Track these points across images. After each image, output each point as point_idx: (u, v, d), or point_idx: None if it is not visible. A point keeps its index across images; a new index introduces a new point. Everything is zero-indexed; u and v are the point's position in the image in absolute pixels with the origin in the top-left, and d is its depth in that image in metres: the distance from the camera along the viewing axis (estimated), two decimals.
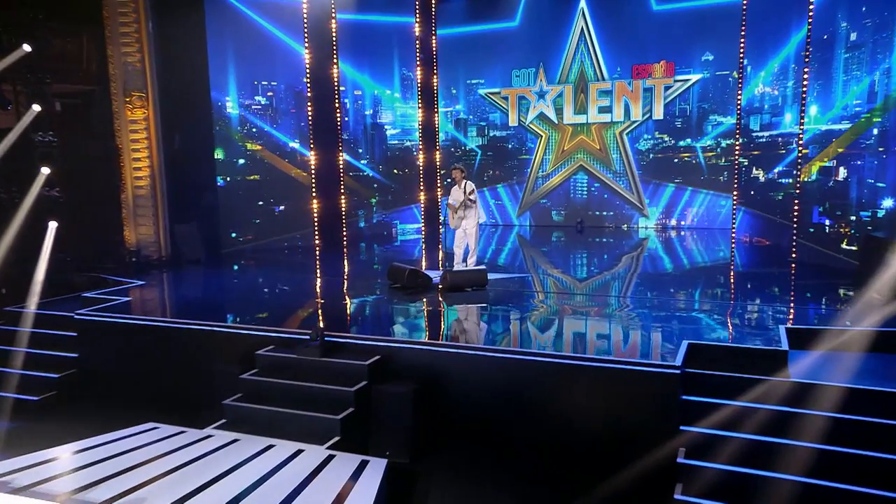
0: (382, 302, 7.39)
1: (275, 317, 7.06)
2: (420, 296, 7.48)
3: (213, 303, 7.84)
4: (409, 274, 7.68)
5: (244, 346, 6.16)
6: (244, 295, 8.28)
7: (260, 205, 11.94)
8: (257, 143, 11.78)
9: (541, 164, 14.58)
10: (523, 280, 8.52)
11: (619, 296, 7.57)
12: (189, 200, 10.49)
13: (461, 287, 7.42)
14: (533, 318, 6.59)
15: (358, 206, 13.88)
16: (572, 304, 7.23)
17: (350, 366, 5.72)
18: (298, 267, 10.35)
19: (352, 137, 13.69)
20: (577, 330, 6.24)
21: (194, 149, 10.65)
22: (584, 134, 14.12)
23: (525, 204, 14.87)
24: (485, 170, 15.11)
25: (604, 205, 14.18)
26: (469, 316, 6.78)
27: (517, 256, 11.02)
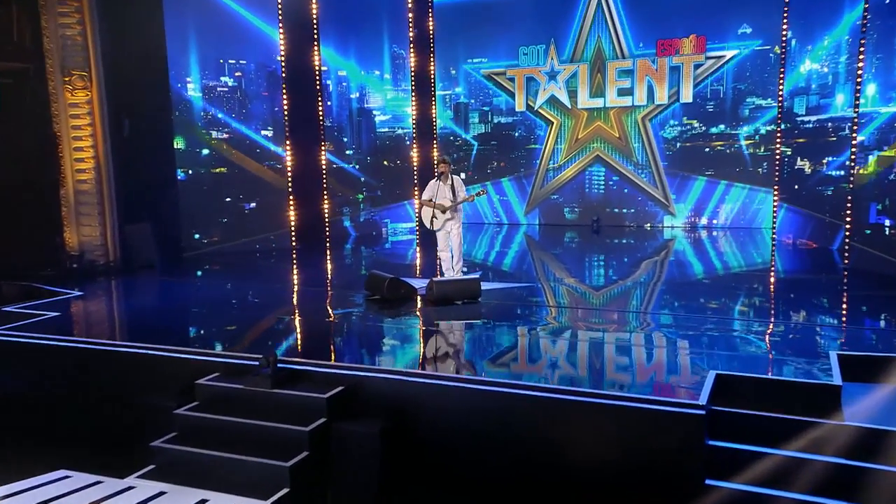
0: (356, 318, 7.08)
1: (228, 336, 6.71)
2: (401, 310, 7.19)
3: (157, 318, 7.51)
4: (388, 284, 7.32)
5: (184, 374, 5.77)
6: (198, 309, 7.99)
7: (227, 201, 11.70)
8: (223, 132, 11.59)
9: (552, 154, 14.53)
10: (526, 290, 8.28)
11: (637, 311, 7.26)
12: (142, 197, 10.14)
13: (450, 299, 7.10)
14: (531, 340, 6.26)
15: (342, 203, 13.74)
16: (581, 320, 6.97)
17: (306, 399, 5.29)
18: (270, 274, 10.14)
19: (335, 124, 13.46)
20: (583, 355, 5.90)
21: (148, 137, 10.27)
22: (602, 120, 14.01)
23: (534, 200, 14.82)
24: (488, 161, 15.10)
25: (624, 201, 14.08)
26: (455, 336, 6.48)
27: (523, 261, 10.90)
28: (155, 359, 5.94)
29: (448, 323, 6.72)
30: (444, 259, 8.01)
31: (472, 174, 15.11)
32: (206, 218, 11.44)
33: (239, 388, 5.53)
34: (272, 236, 11.94)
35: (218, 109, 11.51)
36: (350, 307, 7.50)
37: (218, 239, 11.59)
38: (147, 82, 10.24)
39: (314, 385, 5.41)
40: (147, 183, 10.23)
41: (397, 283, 7.42)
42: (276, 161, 11.94)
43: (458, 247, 7.89)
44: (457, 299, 7.14)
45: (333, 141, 13.36)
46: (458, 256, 7.93)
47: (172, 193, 10.88)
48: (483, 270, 9.48)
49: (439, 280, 7.26)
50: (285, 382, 5.47)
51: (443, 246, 7.95)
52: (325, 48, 12.58)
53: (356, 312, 7.29)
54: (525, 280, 9.10)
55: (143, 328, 7.05)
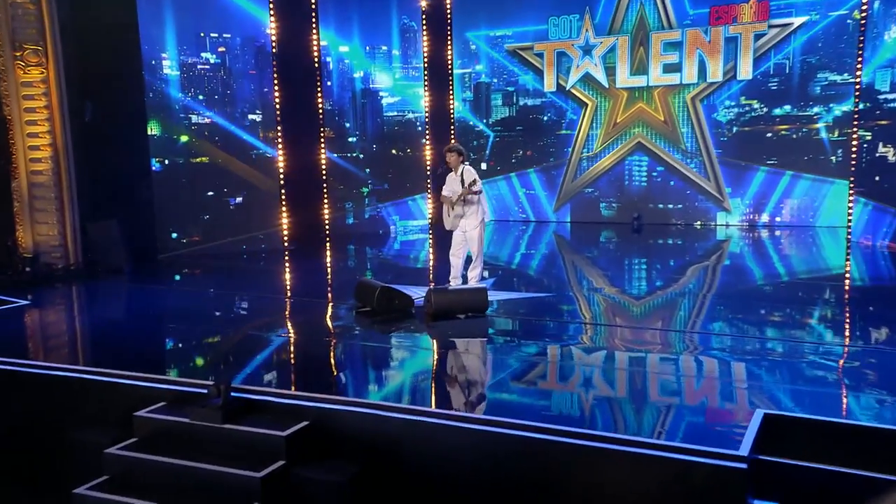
0: (337, 335, 6.81)
1: (185, 356, 6.37)
2: (392, 326, 6.88)
3: (107, 334, 7.17)
4: (379, 294, 7.04)
5: (123, 403, 5.37)
6: (160, 322, 7.69)
7: (210, 195, 11.55)
8: (204, 116, 11.40)
9: (586, 141, 14.45)
10: (550, 301, 8.01)
11: (682, 329, 6.83)
12: (109, 190, 9.96)
13: (451, 313, 6.80)
14: (546, 366, 5.82)
15: (344, 197, 13.59)
16: (612, 340, 6.55)
17: (261, 437, 4.86)
18: (255, 280, 10.06)
19: (336, 108, 13.40)
20: (607, 385, 5.40)
21: (116, 121, 10.08)
22: (644, 101, 13.87)
23: (565, 194, 14.80)
24: (511, 149, 15.08)
25: (669, 195, 13.94)
26: (453, 360, 6.13)
27: (550, 265, 10.82)
28: (88, 384, 5.54)
29: (446, 342, 6.46)
30: (454, 265, 7.81)
31: (493, 164, 15.16)
32: (184, 215, 11.32)
33: (184, 421, 5.11)
34: (261, 235, 11.84)
35: (198, 90, 11.38)
36: (335, 321, 7.31)
37: (199, 239, 11.47)
38: (114, 58, 10.04)
39: (274, 419, 5.00)
40: (115, 174, 10.05)
41: (390, 293, 7.12)
42: (266, 150, 11.82)
43: (477, 250, 7.63)
44: (459, 313, 6.85)
45: (334, 127, 13.28)
46: (477, 261, 7.71)
47: (145, 187, 10.71)
48: (502, 276, 9.40)
49: (438, 289, 6.95)
50: (238, 415, 5.05)
51: (455, 249, 7.76)
52: (324, 20, 12.49)
53: (339, 328, 7.06)
54: (550, 288, 8.90)
55: (88, 345, 6.76)
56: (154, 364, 6.03)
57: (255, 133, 11.78)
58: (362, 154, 13.62)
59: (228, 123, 11.58)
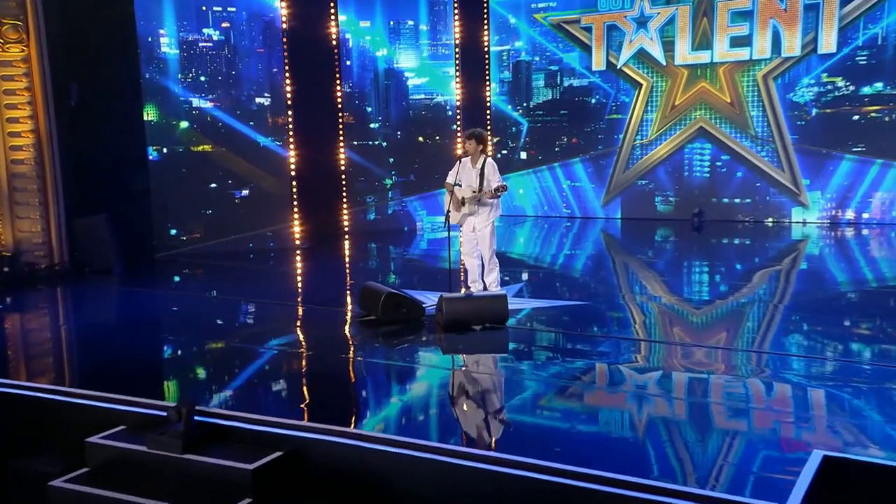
0: (333, 349, 6.62)
1: (153, 373, 6.18)
2: (398, 337, 6.78)
3: (75, 345, 7.09)
4: (385, 301, 6.88)
5: (78, 427, 5.17)
6: (142, 332, 7.51)
7: (213, 188, 11.49)
8: (207, 99, 11.35)
9: (639, 126, 14.19)
10: (589, 311, 7.84)
11: (744, 347, 6.48)
12: (99, 182, 9.86)
13: (465, 323, 6.66)
14: (566, 394, 5.46)
15: (365, 190, 13.58)
16: (661, 359, 6.28)
17: (225, 470, 4.62)
18: (259, 282, 10.01)
19: (356, 91, 13.31)
20: (636, 417, 5.02)
21: (108, 105, 9.96)
22: (708, 80, 13.55)
23: (615, 187, 14.56)
24: (555, 136, 14.92)
25: (736, 188, 13.68)
26: (462, 381, 5.86)
27: (598, 268, 10.65)
28: (37, 404, 5.37)
29: (455, 360, 6.29)
30: (469, 267, 7.77)
31: (534, 153, 15.06)
32: (184, 209, 11.29)
33: (140, 450, 4.88)
34: (270, 233, 11.76)
35: (200, 70, 11.33)
36: (335, 332, 7.22)
37: (200, 236, 11.45)
38: (105, 34, 9.93)
39: (243, 448, 4.79)
40: (106, 165, 9.98)
41: (396, 300, 6.98)
42: (276, 136, 11.72)
43: (489, 252, 7.59)
44: (474, 323, 6.69)
45: (353, 112, 13.14)
46: (491, 264, 7.66)
47: (141, 178, 10.63)
48: (539, 280, 9.40)
49: (451, 297, 6.79)
50: (202, 444, 4.82)
51: (467, 248, 7.73)
52: None
53: (336, 340, 6.94)
54: (594, 295, 8.72)
55: (50, 358, 6.64)
56: (120, 381, 5.83)
57: (264, 118, 11.73)
58: (385, 142, 13.55)
59: (234, 108, 11.53)
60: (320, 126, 12.22)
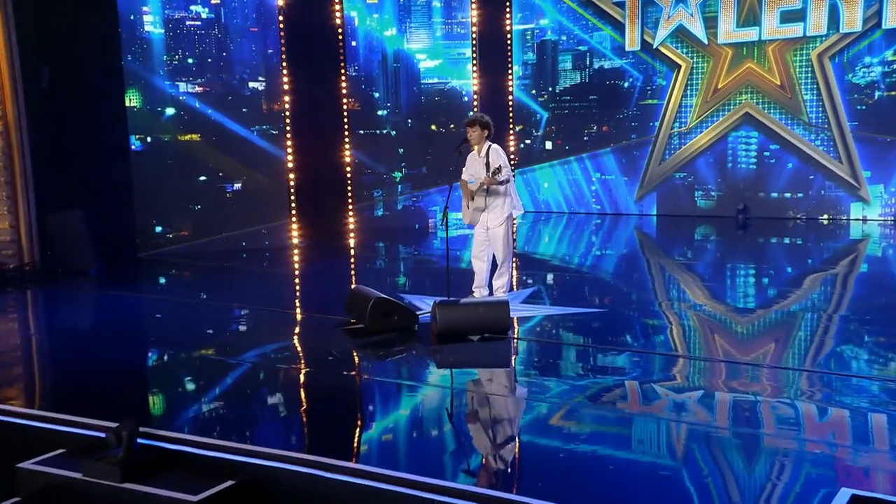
0: (309, 362, 6.59)
1: (107, 389, 5.97)
2: (384, 349, 6.71)
3: (29, 356, 7.04)
4: (373, 308, 6.72)
5: (11, 450, 5.02)
6: (102, 340, 7.36)
7: (202, 181, 11.54)
8: (195, 83, 11.43)
9: (678, 113, 14.12)
10: (614, 318, 7.69)
11: (798, 365, 6.20)
12: (75, 175, 9.85)
13: (461, 333, 6.54)
14: (565, 418, 5.21)
15: (372, 184, 13.70)
16: (690, 377, 5.99)
17: (168, 502, 4.43)
18: (251, 285, 9.98)
19: (362, 74, 13.44)
20: (651, 447, 4.77)
21: (86, 91, 9.93)
22: (755, 60, 13.48)
23: (650, 180, 14.53)
24: (583, 124, 14.91)
25: (786, 181, 13.61)
26: (441, 404, 5.61)
27: (630, 270, 10.61)
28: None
29: (443, 376, 6.13)
30: (476, 270, 7.71)
31: (561, 142, 15.13)
32: (170, 204, 11.32)
33: (77, 477, 4.71)
34: (265, 230, 11.80)
35: (188, 51, 11.39)
36: (316, 342, 7.12)
37: (188, 233, 11.49)
38: (82, 11, 9.88)
39: (191, 477, 4.63)
40: (83, 155, 9.97)
41: (386, 306, 6.78)
42: (271, 125, 11.79)
43: (503, 253, 7.49)
44: (472, 333, 6.56)
45: (359, 98, 13.30)
46: (504, 267, 7.57)
47: (122, 170, 10.60)
48: (560, 283, 9.41)
49: (445, 303, 6.62)
50: (144, 472, 4.65)
51: (476, 250, 7.66)
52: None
53: (315, 352, 6.85)
54: (622, 301, 8.59)
55: None
56: (70, 397, 5.74)
57: (258, 105, 11.85)
58: (395, 131, 13.61)
59: (225, 93, 11.61)
60: (321, 114, 12.23)
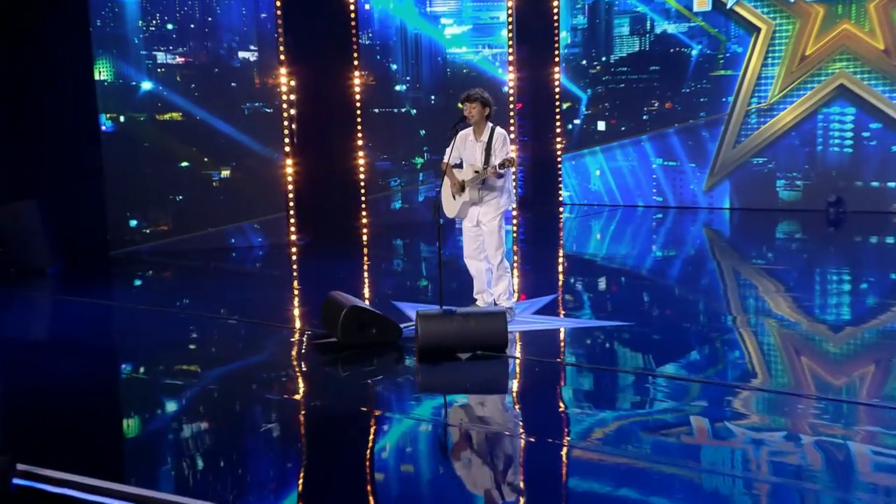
0: (261, 383, 6.40)
1: None
2: (354, 367, 6.54)
3: None
4: (346, 318, 6.58)
5: None
6: (40, 355, 7.27)
7: (184, 167, 11.57)
8: (175, 53, 11.34)
9: (755, 85, 13.89)
10: (661, 333, 7.51)
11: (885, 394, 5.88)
12: (32, 159, 9.95)
13: (449, 349, 6.43)
14: (578, 468, 4.88)
15: (389, 171, 13.62)
16: (753, 419, 5.54)
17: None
18: (234, 289, 9.88)
19: (377, 42, 13.32)
20: None
21: (47, 62, 9.99)
22: (852, 20, 13.20)
23: (722, 166, 14.43)
24: (642, 100, 14.81)
25: (890, 168, 13.41)
26: (417, 445, 5.36)
27: (695, 275, 10.48)
28: None
29: (425, 405, 5.96)
30: (474, 273, 7.59)
31: (615, 122, 15.06)
32: (148, 194, 11.38)
33: None
34: (257, 224, 11.79)
35: (167, 16, 11.37)
36: (277, 360, 7.03)
37: (168, 228, 11.51)
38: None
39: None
40: (44, 137, 10.06)
41: (362, 317, 6.67)
42: (265, 102, 11.81)
43: (495, 253, 7.38)
44: (461, 350, 6.43)
45: (373, 69, 13.20)
46: (500, 269, 7.44)
47: (91, 155, 10.64)
48: (605, 290, 9.48)
49: (428, 314, 6.50)
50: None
51: (470, 249, 7.53)
52: None
53: (270, 372, 6.67)
54: (679, 312, 8.42)
55: None
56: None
57: (249, 78, 11.78)
58: (415, 109, 13.48)
59: (210, 64, 11.60)
60: (327, 88, 12.21)
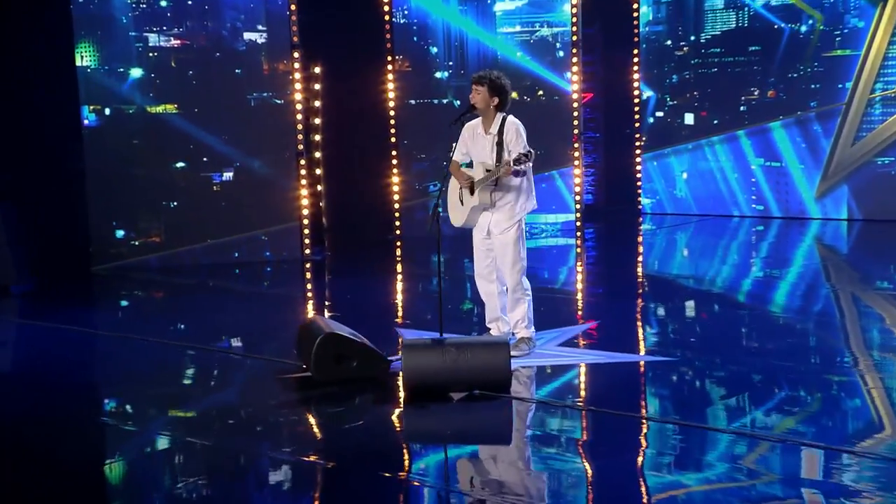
0: (220, 429, 6.36)
1: None
2: (323, 410, 6.65)
3: None
4: (319, 349, 6.60)
5: None
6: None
7: (179, 168, 11.67)
8: (169, 35, 11.47)
9: (880, 69, 13.78)
10: (755, 372, 7.20)
11: None
12: (5, 160, 10.18)
13: (438, 388, 6.43)
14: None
15: (427, 173, 13.71)
16: None
17: None
18: (232, 312, 9.92)
19: (413, 22, 13.56)
20: None
21: (20, 46, 10.22)
22: None
23: (838, 167, 14.31)
24: (739, 88, 14.81)
25: None
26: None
27: (804, 301, 10.32)
28: None
29: (402, 454, 5.92)
30: (485, 295, 7.56)
31: (707, 115, 14.93)
32: (137, 199, 11.55)
33: None
34: (264, 236, 11.86)
35: None
36: (247, 399, 7.00)
37: (159, 240, 11.65)
38: None
39: None
40: (14, 132, 10.26)
41: (341, 347, 6.69)
42: (274, 91, 11.88)
43: (510, 271, 7.27)
44: (454, 389, 6.41)
45: (409, 53, 13.48)
46: (516, 293, 7.33)
47: (70, 152, 10.85)
48: (672, 317, 9.48)
49: (414, 344, 6.56)
50: None
51: (480, 267, 7.50)
52: None
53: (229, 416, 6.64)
54: (779, 349, 8.08)
55: None
56: None
57: (257, 63, 11.92)
58: (459, 100, 13.41)
59: (211, 47, 11.77)
60: (351, 75, 12.37)
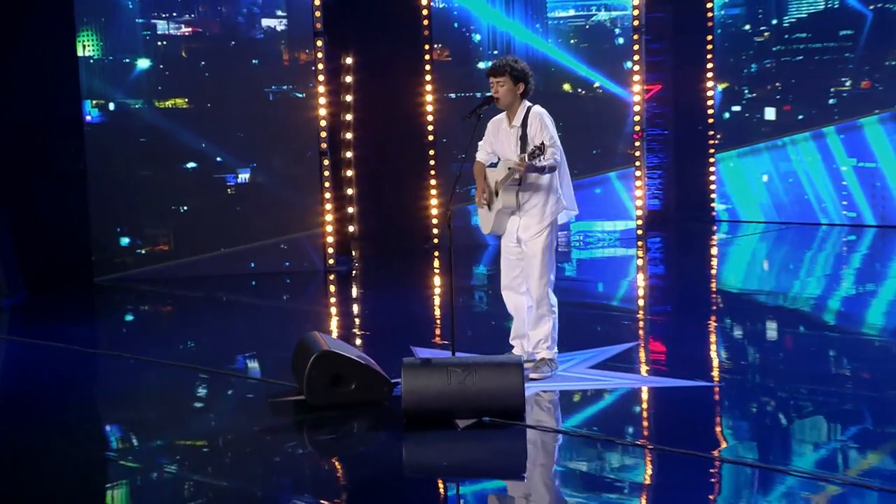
0: (197, 460, 6.26)
1: None
2: (316, 439, 6.68)
3: None
4: (312, 369, 6.67)
5: None
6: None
7: (190, 169, 11.77)
8: (179, 23, 11.54)
9: None
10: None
11: None
12: None
13: (442, 415, 6.43)
14: None
15: (470, 176, 13.25)
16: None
17: None
18: (241, 330, 10.01)
19: (453, 7, 13.69)
20: None
21: (15, 34, 10.41)
22: None
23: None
24: (829, 80, 14.71)
25: None
26: None
27: None
28: None
29: (396, 491, 5.76)
30: (512, 309, 7.59)
31: (790, 109, 14.69)
32: (144, 204, 11.69)
33: None
34: (283, 244, 11.91)
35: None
36: (236, 425, 6.98)
37: (168, 248, 11.77)
38: None
39: None
40: (11, 131, 10.46)
41: (337, 368, 6.73)
42: (296, 84, 11.99)
43: (537, 283, 7.24)
44: (459, 416, 6.41)
45: (448, 42, 13.59)
46: (540, 308, 7.33)
47: (71, 151, 11.01)
48: (731, 339, 9.39)
49: (414, 364, 6.53)
50: None
51: (508, 278, 7.52)
52: None
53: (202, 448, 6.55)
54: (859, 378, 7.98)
55: None
56: None
57: (276, 53, 12.07)
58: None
59: (225, 36, 11.89)
60: (382, 66, 12.56)
